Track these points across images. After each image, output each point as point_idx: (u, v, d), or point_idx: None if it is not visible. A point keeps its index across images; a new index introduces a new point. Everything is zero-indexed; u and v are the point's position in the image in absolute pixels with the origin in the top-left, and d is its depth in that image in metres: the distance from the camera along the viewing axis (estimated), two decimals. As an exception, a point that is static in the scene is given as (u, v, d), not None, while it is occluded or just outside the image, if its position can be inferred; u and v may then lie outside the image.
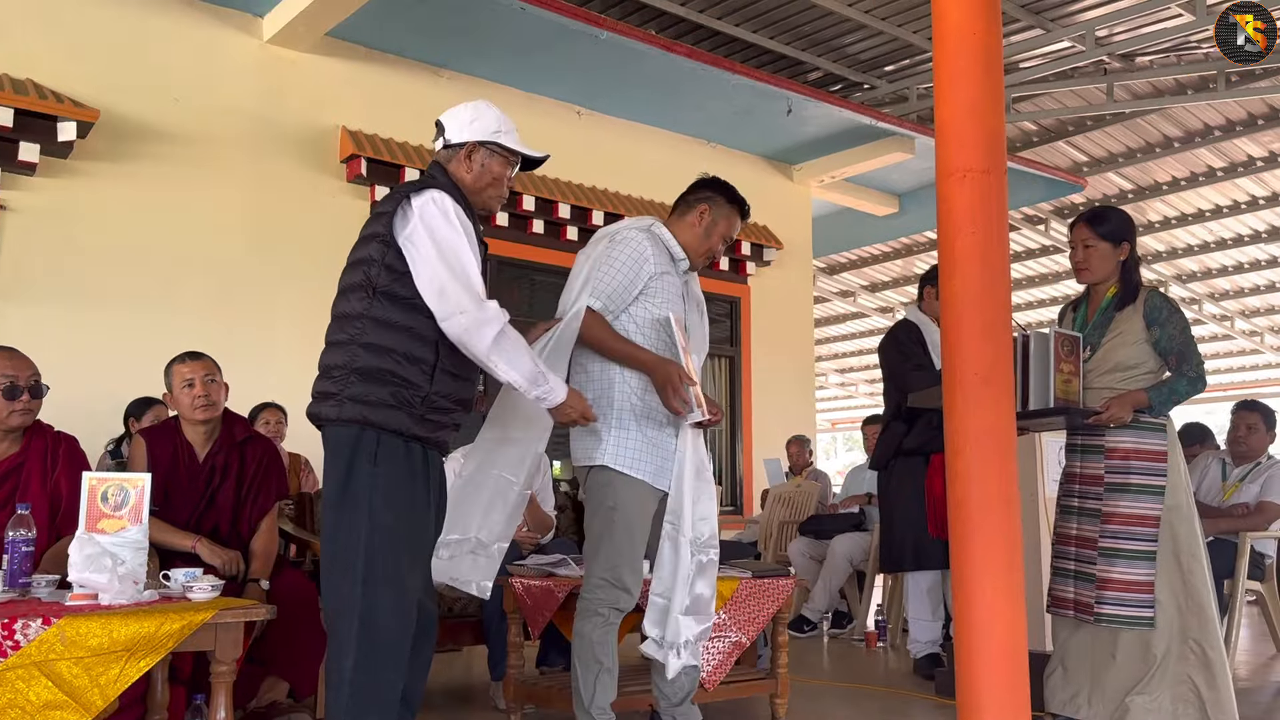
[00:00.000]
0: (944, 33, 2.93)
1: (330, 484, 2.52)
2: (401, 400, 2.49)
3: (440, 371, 2.55)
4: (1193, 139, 9.59)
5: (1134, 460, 3.38)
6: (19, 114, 5.10)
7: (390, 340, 2.51)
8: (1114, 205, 5.25)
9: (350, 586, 2.42)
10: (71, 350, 5.10)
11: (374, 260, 2.54)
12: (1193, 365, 3.38)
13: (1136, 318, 3.45)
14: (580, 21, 6.18)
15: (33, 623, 2.01)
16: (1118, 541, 3.35)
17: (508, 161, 2.82)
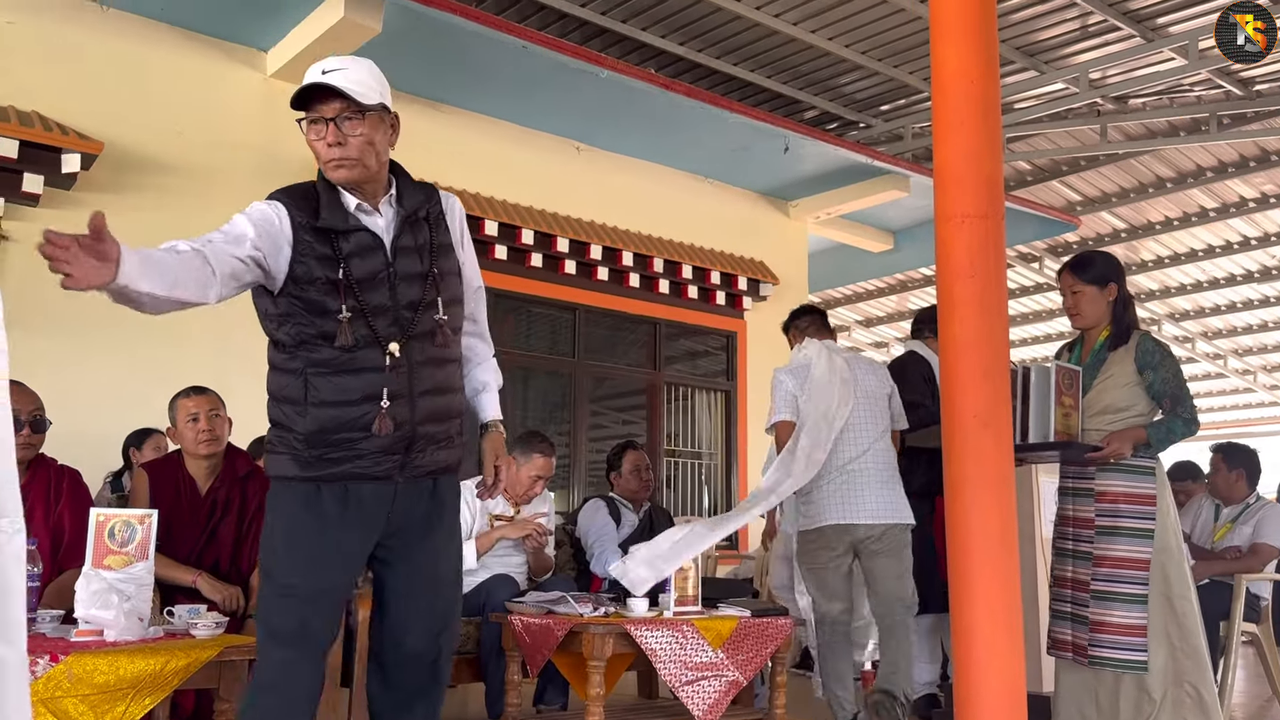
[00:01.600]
0: (943, 80, 2.98)
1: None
2: (283, 444, 2.27)
3: (314, 406, 2.23)
4: (1185, 180, 9.71)
5: (1123, 504, 3.41)
6: (24, 145, 5.14)
7: (271, 383, 2.33)
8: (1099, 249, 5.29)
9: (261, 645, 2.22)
10: (72, 382, 5.11)
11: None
12: (1187, 408, 3.42)
13: (1128, 360, 3.48)
14: (581, 60, 6.25)
15: (40, 659, 2.01)
16: (1109, 585, 3.37)
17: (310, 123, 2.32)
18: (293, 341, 2.26)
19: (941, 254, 2.93)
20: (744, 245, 8.36)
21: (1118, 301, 3.57)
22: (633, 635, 3.25)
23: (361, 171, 2.29)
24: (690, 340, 8.31)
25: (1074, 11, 7.21)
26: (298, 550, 2.25)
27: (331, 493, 2.26)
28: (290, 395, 2.26)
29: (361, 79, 2.29)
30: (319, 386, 2.24)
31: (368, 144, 2.28)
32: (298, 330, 2.25)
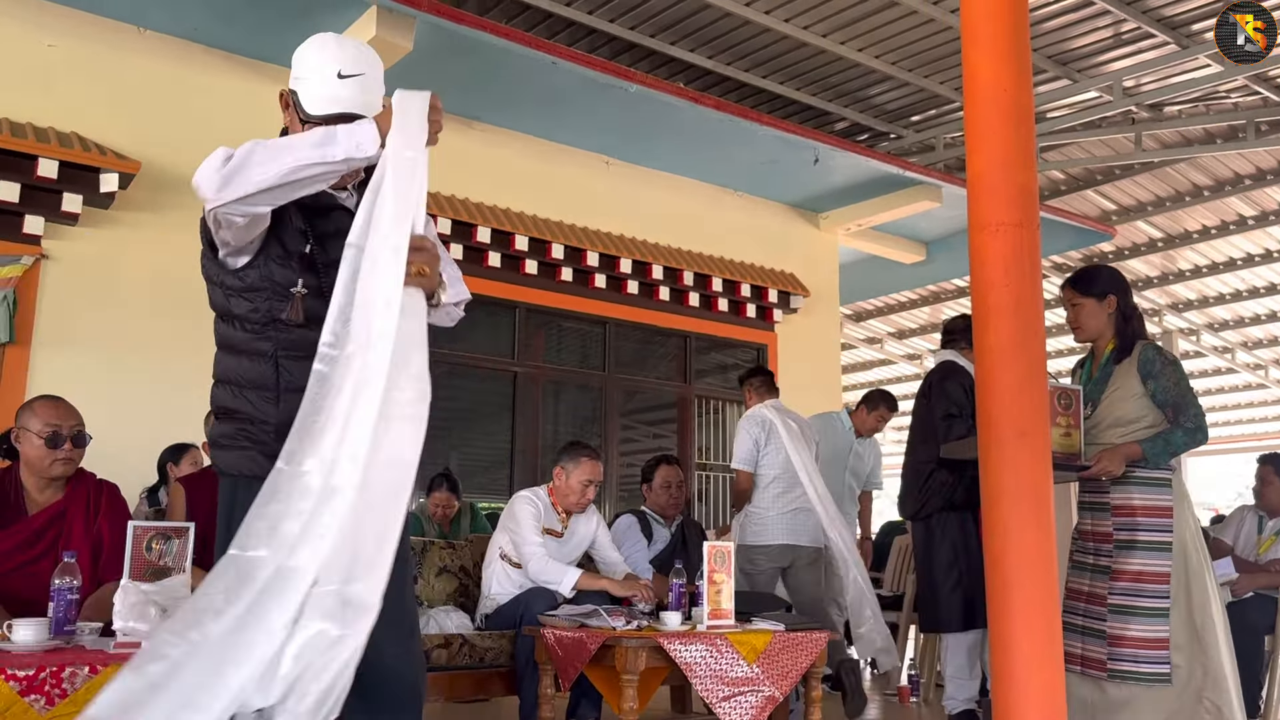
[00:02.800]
0: (975, 89, 2.97)
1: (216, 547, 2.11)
2: (247, 438, 2.07)
3: (287, 392, 2.05)
4: (1223, 187, 9.57)
5: (1140, 517, 3.39)
6: (64, 166, 5.23)
7: (230, 367, 2.12)
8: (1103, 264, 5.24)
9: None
10: (110, 398, 5.18)
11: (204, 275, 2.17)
12: (1190, 416, 3.39)
13: (1132, 372, 3.48)
14: (610, 75, 6.28)
15: (80, 671, 2.03)
16: (1128, 599, 3.34)
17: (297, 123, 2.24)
18: (260, 319, 2.09)
19: (976, 263, 2.90)
20: (774, 258, 8.34)
21: (1119, 314, 3.57)
22: (667, 650, 3.24)
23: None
24: (721, 353, 8.30)
25: (1107, 19, 7.15)
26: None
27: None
28: (257, 380, 2.08)
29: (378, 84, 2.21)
30: (292, 371, 2.06)
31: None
32: (268, 306, 2.09)
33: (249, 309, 2.10)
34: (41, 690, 1.97)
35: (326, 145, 1.94)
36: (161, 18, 5.73)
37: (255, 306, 2.10)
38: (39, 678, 1.98)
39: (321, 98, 2.15)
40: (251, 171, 1.93)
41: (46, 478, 2.93)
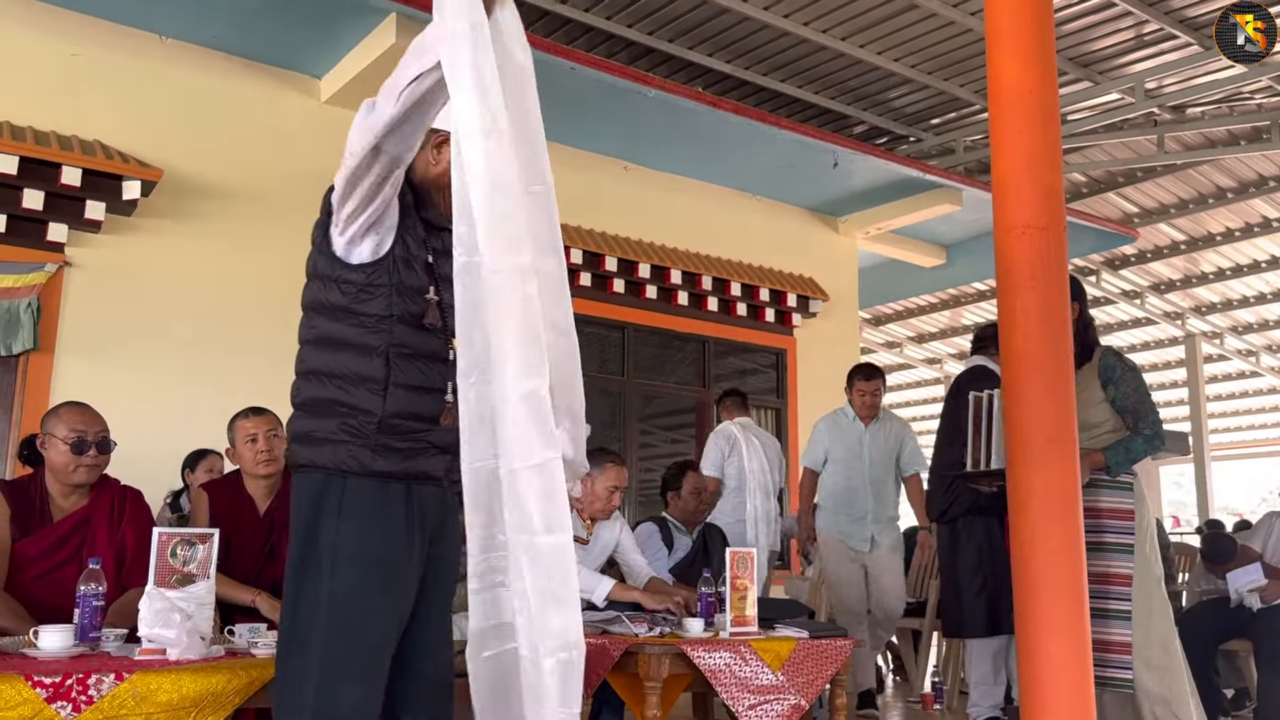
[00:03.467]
0: (999, 90, 2.94)
1: (293, 542, 2.14)
2: (350, 431, 2.10)
3: (395, 388, 2.13)
4: (1247, 189, 9.49)
5: (1107, 519, 3.39)
6: (86, 173, 5.27)
7: (331, 363, 2.14)
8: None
9: (306, 663, 2.02)
10: (133, 403, 5.20)
11: (310, 273, 2.21)
12: (1149, 423, 3.42)
13: (1092, 378, 3.48)
14: (628, 80, 6.28)
15: (106, 678, 2.03)
16: (1096, 601, 3.30)
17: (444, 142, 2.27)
18: (380, 314, 2.14)
19: (1001, 267, 2.87)
20: (793, 262, 8.32)
21: (1079, 322, 3.55)
22: (690, 657, 3.21)
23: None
24: (740, 358, 8.27)
25: (1129, 21, 7.10)
26: (373, 561, 2.08)
27: (396, 493, 2.14)
28: (367, 374, 2.12)
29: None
30: (402, 368, 2.15)
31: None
32: (387, 305, 2.15)
33: (370, 305, 2.15)
34: (68, 697, 1.97)
35: (422, 55, 1.95)
36: (183, 26, 5.77)
37: (377, 304, 2.15)
38: (65, 684, 1.98)
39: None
40: (383, 107, 1.96)
41: (71, 484, 2.94)
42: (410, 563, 2.15)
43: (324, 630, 2.03)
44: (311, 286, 2.21)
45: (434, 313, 2.19)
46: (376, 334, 2.14)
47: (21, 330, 5.19)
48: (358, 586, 2.05)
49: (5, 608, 2.68)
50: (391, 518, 2.12)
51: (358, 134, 2.00)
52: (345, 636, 2.03)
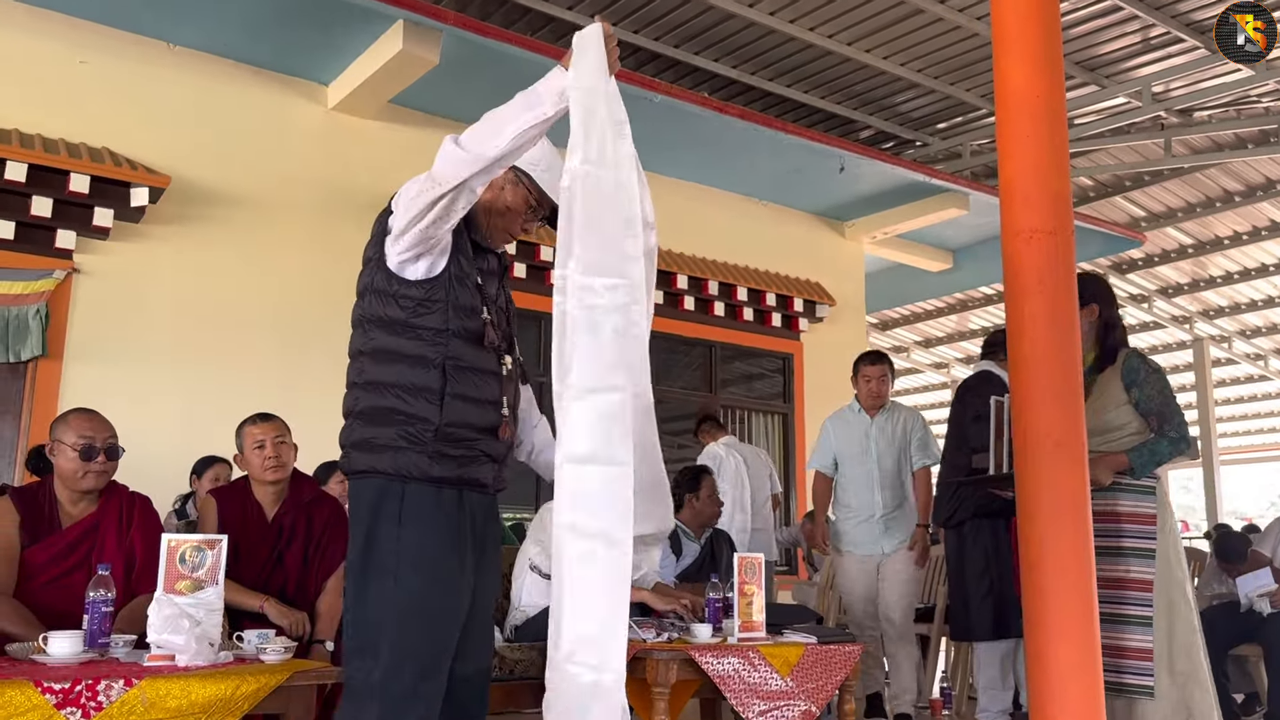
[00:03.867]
0: (1006, 94, 2.94)
1: (353, 545, 2.24)
2: (410, 439, 2.21)
3: (451, 398, 2.24)
4: (1254, 193, 9.47)
5: (1126, 523, 3.34)
6: (94, 180, 5.29)
7: (390, 374, 2.25)
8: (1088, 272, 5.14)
9: (370, 671, 2.13)
10: (141, 410, 5.21)
11: (365, 290, 2.34)
12: (1174, 425, 3.36)
13: (1115, 380, 3.44)
14: (635, 85, 6.28)
15: (115, 684, 2.03)
16: (1114, 606, 3.27)
17: (529, 200, 2.42)
18: (437, 327, 2.26)
19: (1009, 271, 2.87)
20: (800, 266, 8.31)
21: (1101, 323, 3.53)
22: (699, 662, 3.21)
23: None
24: (746, 363, 8.26)
25: (1135, 24, 7.09)
26: (435, 566, 2.19)
27: (450, 499, 2.25)
28: (425, 385, 2.23)
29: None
30: (459, 379, 2.26)
31: None
32: (443, 319, 2.27)
33: (428, 319, 2.27)
34: (77, 703, 1.97)
35: (536, 106, 2.12)
36: (191, 34, 5.79)
37: (434, 318, 2.27)
38: (75, 690, 1.98)
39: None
40: (486, 146, 2.11)
41: (80, 490, 2.94)
42: (464, 567, 2.26)
43: (391, 635, 2.13)
44: (367, 301, 2.32)
45: (491, 333, 2.34)
46: (433, 347, 2.26)
47: (30, 337, 5.20)
48: (422, 591, 2.16)
49: (15, 614, 2.69)
50: (447, 523, 2.24)
51: (452, 166, 2.11)
52: (412, 641, 2.14)
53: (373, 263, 2.33)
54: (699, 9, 6.94)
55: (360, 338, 2.34)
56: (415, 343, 2.26)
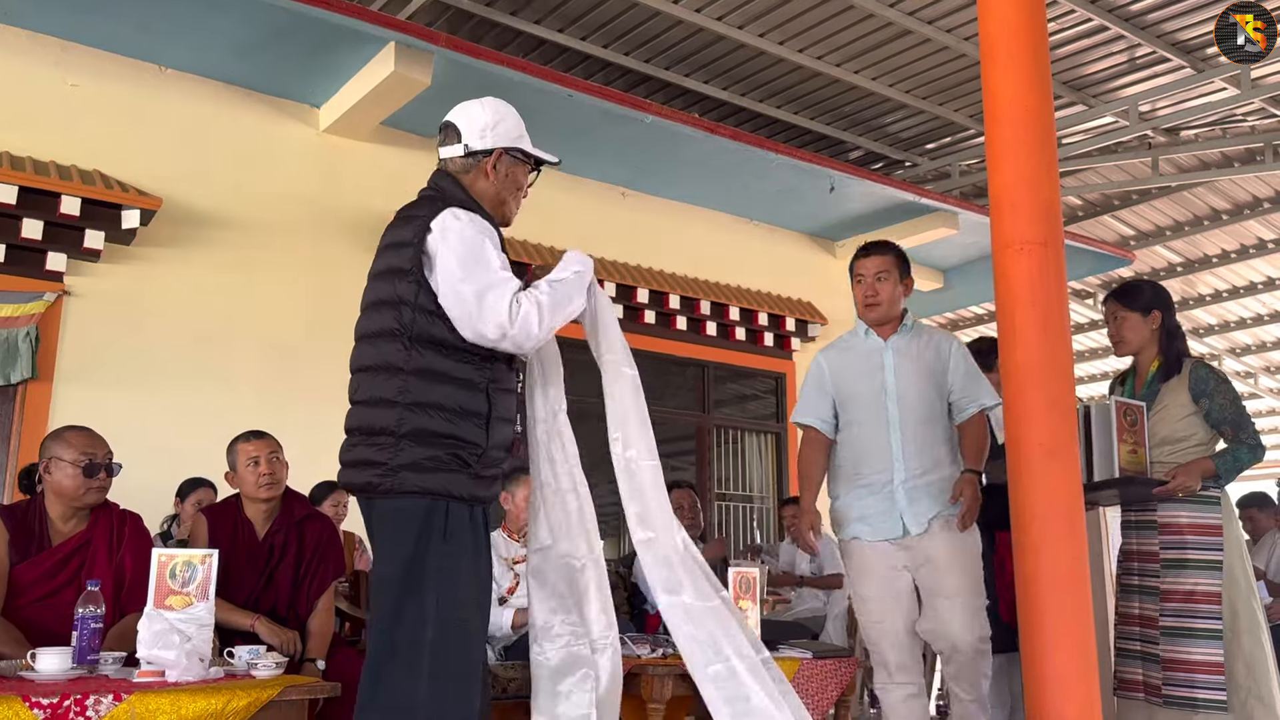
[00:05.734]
0: (995, 108, 2.96)
1: (392, 563, 2.25)
2: (460, 462, 2.26)
3: (495, 421, 2.33)
4: (1241, 211, 9.54)
5: (1189, 535, 3.29)
6: (85, 203, 5.28)
7: (439, 396, 2.26)
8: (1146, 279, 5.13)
9: (414, 682, 2.16)
10: (131, 432, 5.13)
11: (405, 302, 2.29)
12: (1250, 433, 3.33)
13: (1182, 390, 3.39)
14: (626, 106, 6.32)
15: (104, 699, 2.01)
16: (1181, 620, 3.24)
17: (528, 168, 2.60)
18: (483, 355, 2.34)
19: (1000, 283, 2.88)
20: (791, 286, 8.33)
21: (1163, 330, 3.50)
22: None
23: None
24: (739, 383, 8.26)
25: (1122, 44, 7.16)
26: (471, 582, 2.29)
27: (477, 517, 2.34)
28: (474, 408, 2.30)
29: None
30: (497, 402, 2.36)
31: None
32: (490, 349, 2.35)
33: (475, 345, 2.34)
34: (66, 718, 1.94)
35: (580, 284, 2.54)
36: (182, 56, 5.80)
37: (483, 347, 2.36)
38: (63, 705, 1.96)
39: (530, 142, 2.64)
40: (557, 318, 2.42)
41: (77, 506, 2.92)
42: (490, 581, 2.40)
43: (433, 649, 2.19)
44: (409, 318, 2.30)
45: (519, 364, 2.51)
46: (480, 370, 2.33)
47: (20, 359, 5.18)
48: (463, 609, 2.25)
49: (3, 633, 2.66)
50: (479, 541, 2.33)
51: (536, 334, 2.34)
52: (453, 654, 2.21)
53: (411, 276, 2.30)
54: (690, 31, 6.99)
55: (400, 353, 2.30)
56: (464, 365, 2.31)
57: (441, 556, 2.24)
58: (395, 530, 2.27)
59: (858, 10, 6.74)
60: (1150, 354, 3.51)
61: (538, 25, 6.94)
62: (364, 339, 2.41)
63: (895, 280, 3.45)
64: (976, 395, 3.36)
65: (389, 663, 2.20)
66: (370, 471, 2.28)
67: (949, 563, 3.24)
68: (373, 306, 2.39)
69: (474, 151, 2.51)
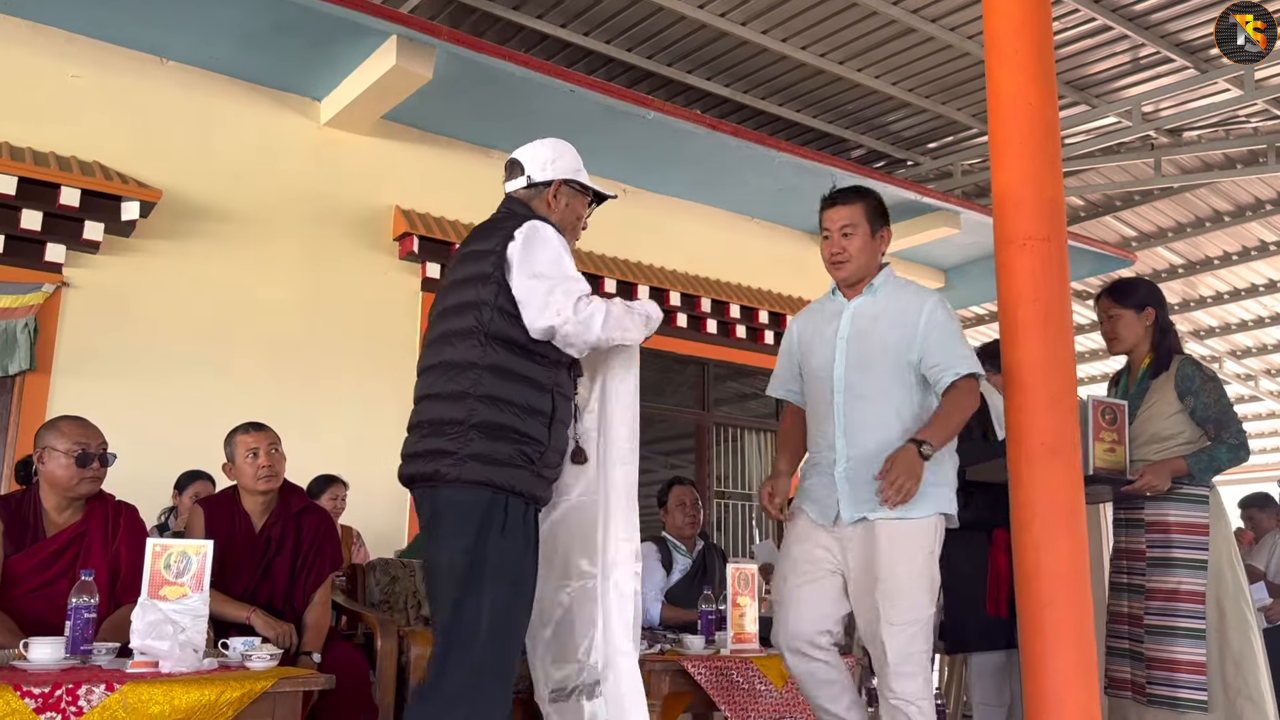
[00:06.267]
0: (999, 103, 2.94)
1: (453, 553, 2.33)
2: (525, 458, 2.37)
3: (556, 422, 2.46)
4: (1243, 213, 9.52)
5: (1175, 533, 3.28)
6: (85, 194, 5.26)
7: (509, 392, 2.38)
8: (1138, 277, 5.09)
9: (465, 673, 2.27)
10: (129, 425, 5.14)
11: (484, 303, 2.42)
12: (1233, 433, 3.29)
13: (1169, 387, 3.38)
14: (628, 102, 6.30)
15: (96, 688, 2.00)
16: (1163, 618, 3.23)
17: (586, 200, 2.82)
18: (552, 358, 2.46)
19: (1003, 278, 2.87)
20: (792, 284, 8.31)
21: (1156, 327, 3.49)
22: (692, 674, 3.17)
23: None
24: (739, 381, 8.24)
25: (1125, 44, 7.14)
26: (522, 577, 2.37)
27: (531, 515, 2.44)
28: (541, 407, 2.42)
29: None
30: (559, 405, 2.48)
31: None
32: (557, 351, 2.48)
33: (544, 347, 2.47)
34: (57, 708, 1.93)
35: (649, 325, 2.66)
36: (184, 49, 5.78)
37: (549, 347, 2.47)
38: (55, 695, 1.94)
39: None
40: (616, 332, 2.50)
41: (71, 496, 2.91)
42: (535, 580, 2.46)
43: (485, 637, 2.28)
44: (488, 317, 2.42)
45: (580, 363, 2.59)
46: (547, 372, 2.45)
47: (18, 351, 5.16)
48: (512, 599, 2.34)
49: (-3, 624, 2.65)
50: (531, 537, 2.43)
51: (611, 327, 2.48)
52: (502, 644, 2.31)
53: (491, 279, 2.44)
54: (692, 27, 6.97)
55: (475, 350, 2.42)
56: (534, 366, 2.43)
57: (499, 552, 2.33)
58: (456, 522, 2.36)
59: (861, 8, 6.72)
60: (1143, 351, 3.50)
61: (540, 20, 6.92)
62: (439, 340, 2.51)
63: (866, 234, 3.02)
64: (950, 362, 2.79)
65: (446, 652, 2.32)
66: (440, 461, 2.37)
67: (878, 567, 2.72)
68: (452, 310, 2.51)
69: (536, 183, 2.71)
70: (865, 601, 2.74)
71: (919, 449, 2.61)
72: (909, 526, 2.72)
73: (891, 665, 2.66)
